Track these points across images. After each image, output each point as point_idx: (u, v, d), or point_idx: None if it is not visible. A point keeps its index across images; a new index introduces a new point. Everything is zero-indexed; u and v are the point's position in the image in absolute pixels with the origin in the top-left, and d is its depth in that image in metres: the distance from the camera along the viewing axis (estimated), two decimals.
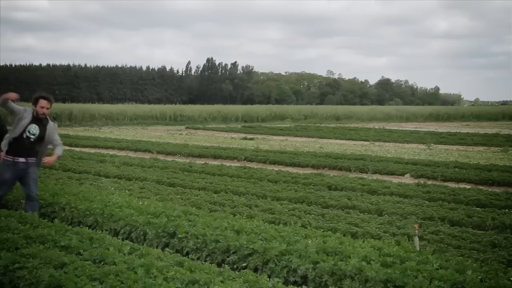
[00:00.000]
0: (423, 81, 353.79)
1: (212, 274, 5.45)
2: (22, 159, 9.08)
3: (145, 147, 24.81)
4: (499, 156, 22.91)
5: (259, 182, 14.20)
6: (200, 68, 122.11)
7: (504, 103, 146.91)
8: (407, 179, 15.73)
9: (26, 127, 8.98)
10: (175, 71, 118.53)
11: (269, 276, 5.96)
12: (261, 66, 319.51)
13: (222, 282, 5.21)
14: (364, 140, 31.95)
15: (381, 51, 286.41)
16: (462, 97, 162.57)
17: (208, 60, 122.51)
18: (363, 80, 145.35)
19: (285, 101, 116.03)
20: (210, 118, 58.54)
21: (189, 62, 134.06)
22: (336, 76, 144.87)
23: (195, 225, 7.80)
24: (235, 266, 6.67)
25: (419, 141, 30.53)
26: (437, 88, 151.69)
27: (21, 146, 9.02)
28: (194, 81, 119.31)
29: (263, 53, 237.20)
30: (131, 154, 23.07)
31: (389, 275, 5.56)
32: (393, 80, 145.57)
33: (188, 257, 6.61)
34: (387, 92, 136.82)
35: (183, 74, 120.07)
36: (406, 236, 8.41)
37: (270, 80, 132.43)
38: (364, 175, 16.31)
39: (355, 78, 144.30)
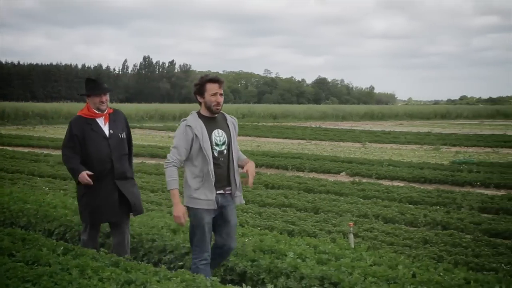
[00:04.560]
0: (359, 81, 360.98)
1: (149, 274, 5.41)
2: (218, 191, 5.88)
3: None
4: (430, 154, 23.47)
5: None
6: (137, 67, 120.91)
7: (436, 102, 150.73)
8: (343, 177, 15.96)
9: (211, 139, 5.87)
10: (112, 70, 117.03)
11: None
12: (199, 64, 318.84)
13: (158, 281, 5.18)
14: (301, 139, 32.24)
15: (318, 50, 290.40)
16: (396, 96, 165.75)
17: (144, 59, 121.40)
18: (300, 79, 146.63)
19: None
20: (147, 117, 57.98)
21: (125, 60, 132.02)
22: (273, 75, 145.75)
23: (131, 224, 7.73)
24: (171, 266, 6.65)
25: (354, 140, 30.98)
26: (372, 88, 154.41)
27: (214, 171, 5.87)
28: (131, 80, 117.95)
29: (201, 51, 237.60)
30: None
31: (324, 272, 5.64)
32: (329, 80, 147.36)
33: (124, 257, 6.54)
34: (323, 91, 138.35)
35: (120, 73, 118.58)
36: (341, 233, 8.54)
37: None
38: (301, 174, 16.49)
39: (292, 77, 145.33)
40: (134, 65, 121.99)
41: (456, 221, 9.60)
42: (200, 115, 5.92)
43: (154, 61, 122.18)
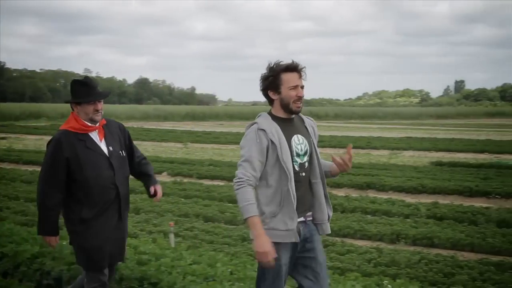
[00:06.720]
0: (180, 81, 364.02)
1: None
2: (299, 218, 4.14)
3: None
4: None
5: (11, 183, 13.59)
6: None
7: (255, 103, 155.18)
8: (165, 177, 16.00)
9: (290, 148, 4.19)
10: None
11: (20, 280, 5.77)
12: (14, 62, 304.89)
13: None
14: None
15: (140, 50, 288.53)
16: (216, 97, 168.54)
17: None
18: (121, 79, 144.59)
19: (41, 99, 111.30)
20: None
21: None
22: (94, 74, 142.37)
23: None
24: None
25: (176, 140, 31.17)
26: (193, 88, 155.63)
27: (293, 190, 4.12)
28: None
29: (17, 48, 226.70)
30: None
31: (144, 272, 5.67)
32: (151, 80, 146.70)
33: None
34: (145, 91, 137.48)
35: None
36: (162, 233, 8.60)
37: (24, 77, 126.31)
38: None
39: (113, 77, 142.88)
40: None
41: None
42: (273, 116, 4.38)
43: None
